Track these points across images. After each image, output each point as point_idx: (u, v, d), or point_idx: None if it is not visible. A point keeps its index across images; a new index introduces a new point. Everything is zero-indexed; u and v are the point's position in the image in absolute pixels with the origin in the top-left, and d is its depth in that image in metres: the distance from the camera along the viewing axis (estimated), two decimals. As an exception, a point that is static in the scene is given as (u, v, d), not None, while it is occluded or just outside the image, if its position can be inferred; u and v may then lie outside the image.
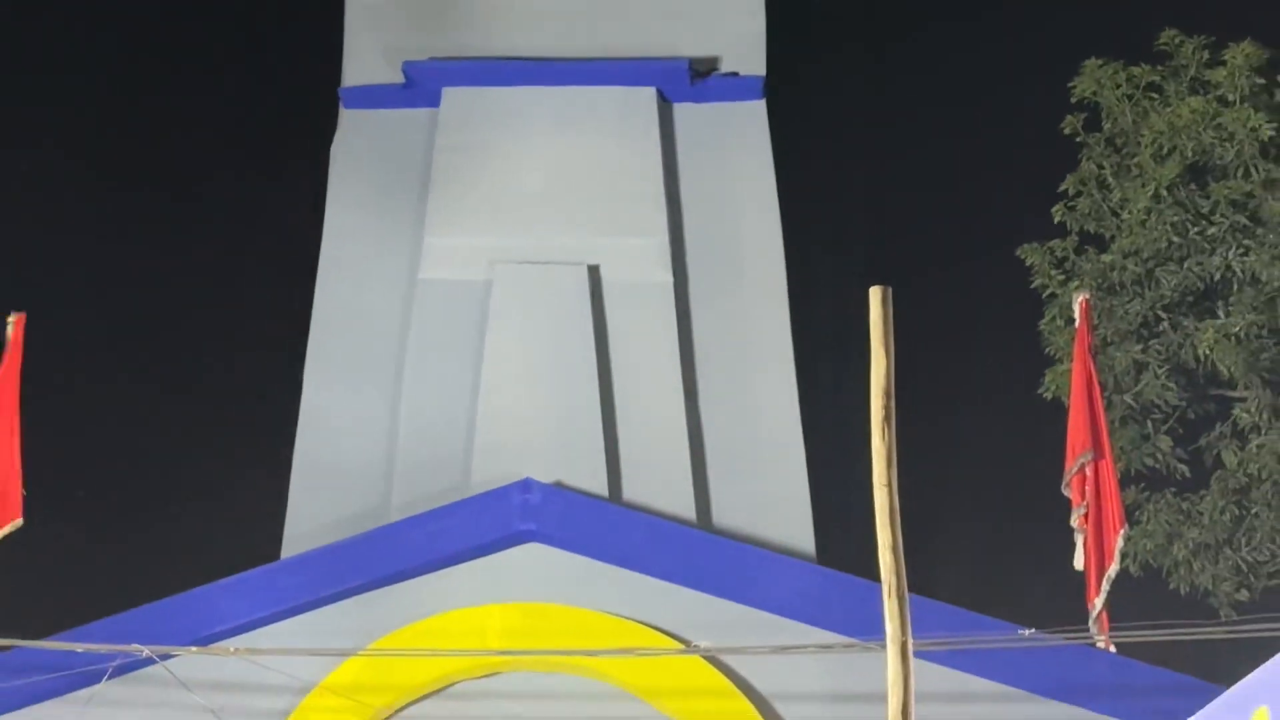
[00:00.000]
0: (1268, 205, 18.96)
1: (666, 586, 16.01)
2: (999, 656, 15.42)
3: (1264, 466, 18.85)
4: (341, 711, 15.60)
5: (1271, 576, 19.12)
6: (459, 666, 15.76)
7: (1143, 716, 13.95)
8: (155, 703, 15.60)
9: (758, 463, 17.60)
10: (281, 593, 16.03)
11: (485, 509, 16.34)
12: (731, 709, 15.61)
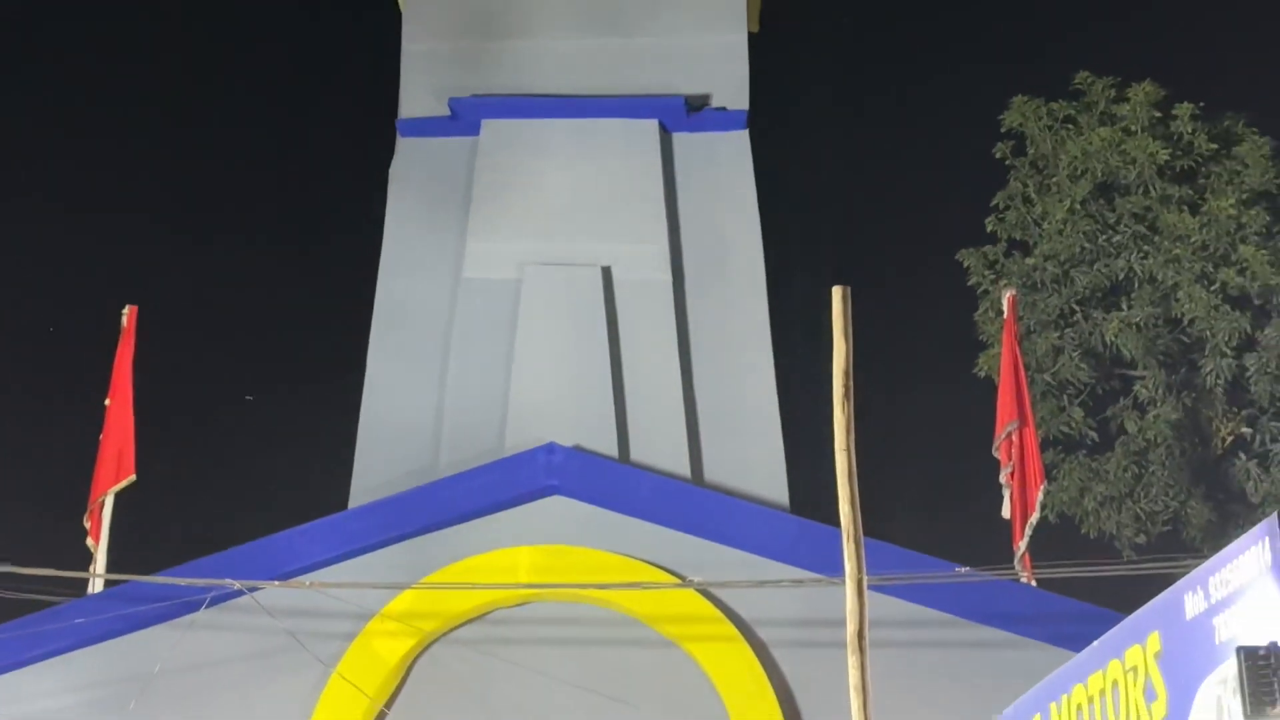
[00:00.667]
0: (1163, 217, 18.93)
1: (666, 532, 15.98)
2: (938, 589, 15.38)
3: (1159, 433, 18.84)
4: (398, 635, 15.58)
5: (1165, 523, 19.11)
6: (495, 597, 15.74)
7: (1058, 640, 13.90)
8: (244, 628, 15.58)
9: (741, 429, 17.57)
10: (348, 536, 16.01)
11: (516, 468, 16.32)
12: (719, 632, 15.58)
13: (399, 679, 15.67)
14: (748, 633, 15.59)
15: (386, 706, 15.43)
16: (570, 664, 15.52)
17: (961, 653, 15.25)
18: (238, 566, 15.58)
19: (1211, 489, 18.93)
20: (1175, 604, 7.75)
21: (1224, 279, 18.35)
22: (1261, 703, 6.70)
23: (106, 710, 15.33)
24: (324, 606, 15.45)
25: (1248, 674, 6.74)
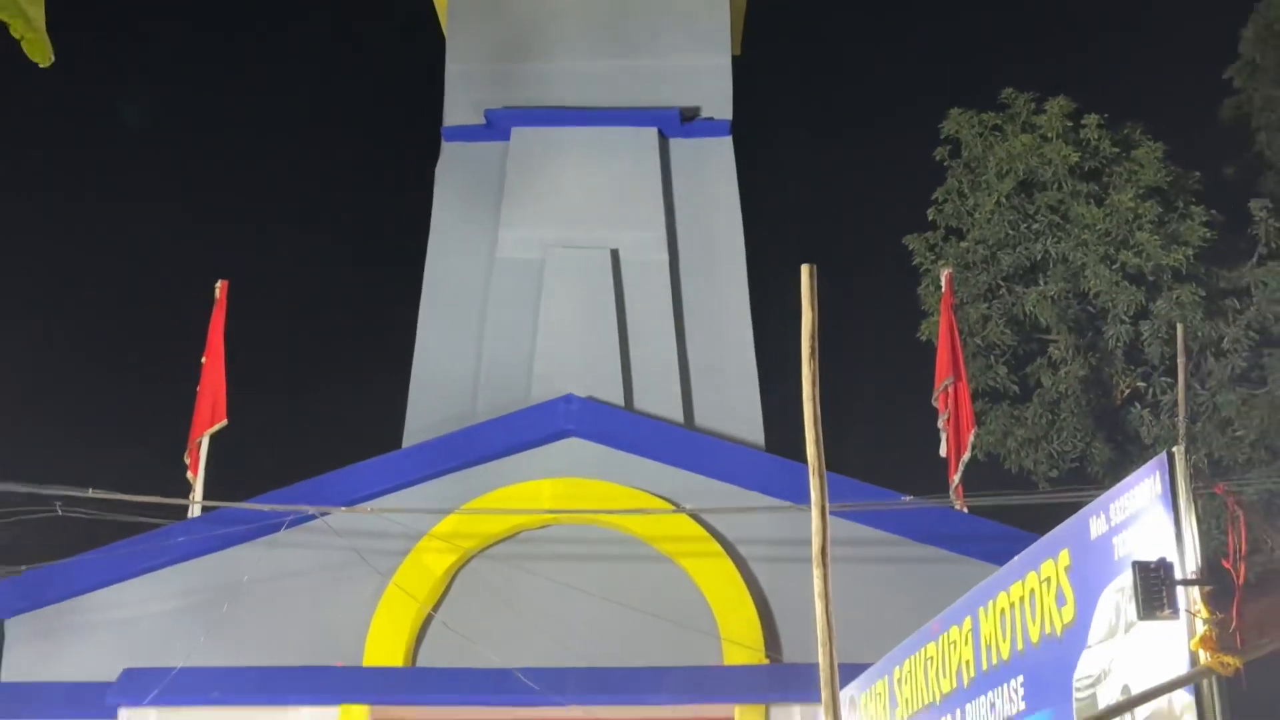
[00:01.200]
0: (1074, 209, 18.92)
1: (663, 467, 16.00)
2: (887, 515, 15.41)
3: (1069, 386, 18.85)
4: (444, 551, 15.61)
5: (1073, 461, 19.14)
6: (522, 521, 15.76)
7: (985, 556, 13.92)
8: (317, 546, 15.61)
9: (725, 382, 17.58)
10: (402, 470, 16.02)
11: (540, 414, 16.33)
12: (707, 550, 15.62)
13: (444, 588, 15.72)
14: (731, 550, 15.63)
15: (435, 609, 15.49)
16: (584, 576, 15.55)
17: (907, 567, 15.30)
18: (311, 495, 15.61)
19: (1112, 433, 18.96)
20: (1082, 526, 7.79)
21: (1123, 260, 18.36)
22: (1151, 607, 6.75)
23: (204, 614, 15.38)
24: (382, 528, 15.51)
25: (1140, 583, 6.78)
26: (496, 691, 14.95)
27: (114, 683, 14.97)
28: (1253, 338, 17.70)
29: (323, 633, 15.45)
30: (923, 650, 10.10)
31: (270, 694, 15.02)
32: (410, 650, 15.46)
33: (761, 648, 15.21)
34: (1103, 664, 7.42)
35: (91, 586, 15.71)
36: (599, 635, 15.40)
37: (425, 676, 15.35)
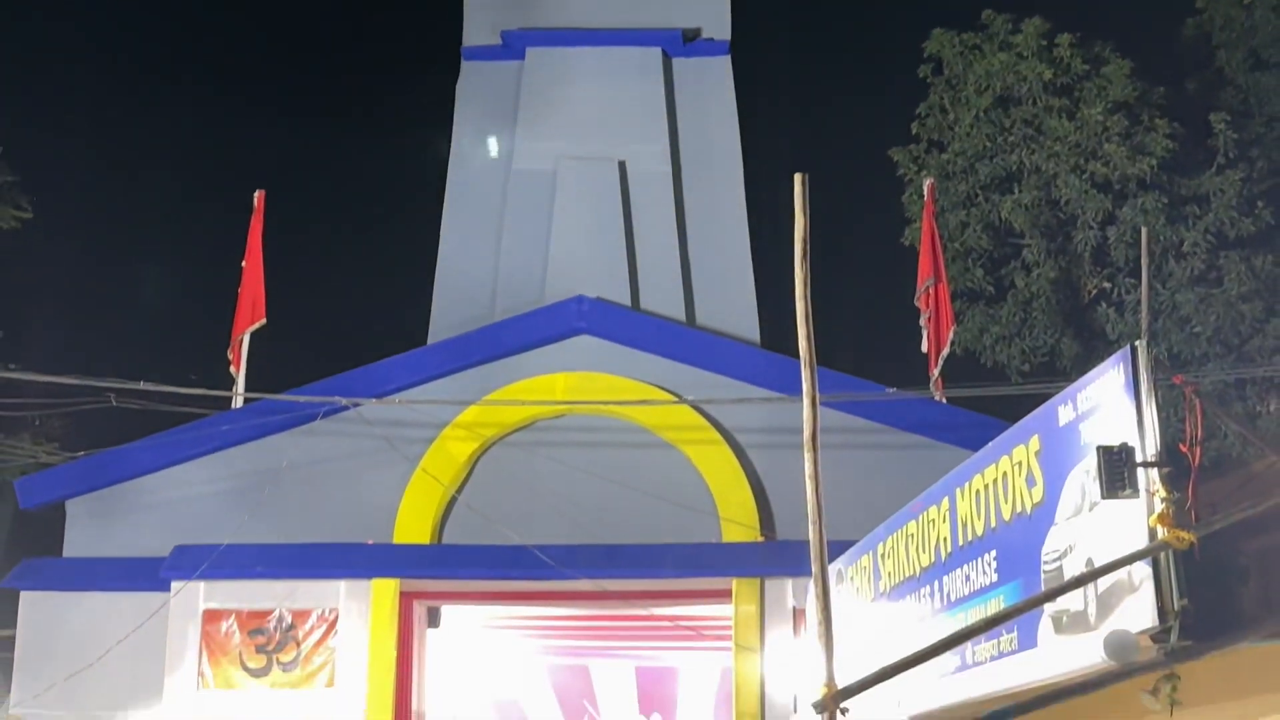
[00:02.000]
0: (1047, 123, 18.76)
1: (668, 362, 16.01)
2: (873, 405, 15.45)
3: (1040, 288, 18.81)
4: (466, 440, 15.67)
5: (1044, 356, 19.12)
6: (539, 412, 15.81)
7: (962, 443, 13.94)
8: (350, 434, 15.66)
9: (724, 284, 17.55)
10: (428, 365, 16.03)
11: (554, 314, 16.31)
12: (707, 438, 15.66)
13: (467, 472, 15.79)
14: (729, 438, 15.68)
15: (458, 492, 15.56)
16: (595, 461, 15.61)
17: (890, 453, 15.33)
18: (344, 387, 15.66)
19: (1080, 330, 18.92)
20: (1051, 414, 7.79)
21: (1092, 169, 18.23)
22: (1114, 487, 6.76)
23: (246, 495, 15.46)
24: (410, 418, 15.55)
25: (1104, 466, 6.79)
26: (515, 566, 15.06)
27: (166, 558, 15.09)
28: (1211, 241, 17.62)
29: (356, 513, 15.54)
30: (904, 528, 10.14)
31: (308, 568, 15.15)
32: (436, 529, 15.57)
33: (757, 526, 15.29)
34: (1069, 539, 7.45)
35: (144, 471, 15.79)
36: (608, 515, 15.49)
37: (450, 552, 15.46)
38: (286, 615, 15.09)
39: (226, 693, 14.89)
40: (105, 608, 15.14)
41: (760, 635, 14.77)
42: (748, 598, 14.92)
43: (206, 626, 15.00)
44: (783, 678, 13.91)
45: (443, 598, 16.07)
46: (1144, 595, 6.68)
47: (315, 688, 14.89)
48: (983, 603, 8.50)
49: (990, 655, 8.33)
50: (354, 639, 14.95)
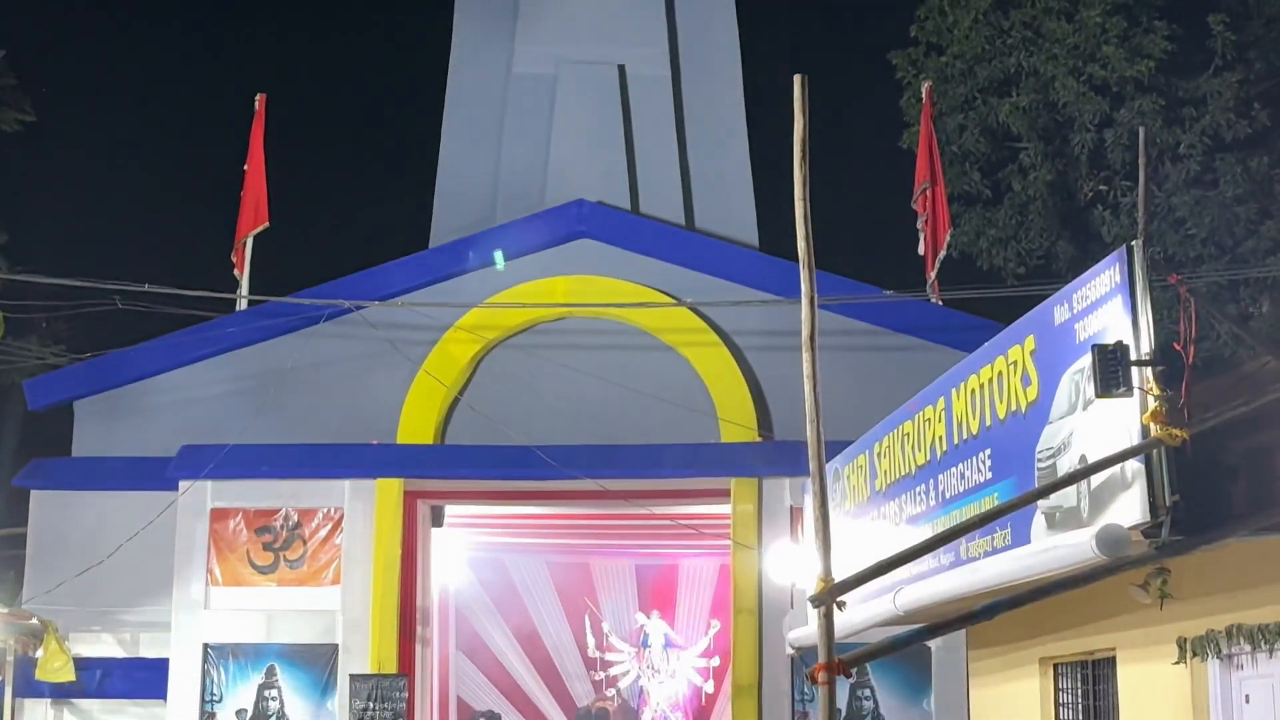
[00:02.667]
0: (1045, 25, 18.56)
1: (667, 265, 15.97)
2: (870, 307, 15.45)
3: (1037, 190, 18.72)
4: (468, 342, 15.68)
5: (1040, 259, 19.08)
6: (539, 315, 15.81)
7: (958, 345, 13.91)
8: (353, 337, 15.67)
9: (722, 187, 17.48)
10: (431, 268, 16.00)
11: (555, 217, 16.26)
12: (706, 340, 15.67)
13: (469, 374, 15.82)
14: (727, 340, 15.69)
15: (460, 393, 15.60)
16: (595, 363, 15.64)
17: (887, 354, 15.35)
18: (348, 290, 15.65)
19: (1075, 232, 18.87)
20: (1047, 314, 7.79)
21: (1090, 72, 18.06)
22: (1108, 385, 6.77)
23: (253, 397, 15.51)
24: (413, 321, 15.55)
25: (1099, 364, 6.80)
26: (517, 466, 15.13)
27: (173, 458, 15.16)
28: (1207, 144, 17.50)
29: (360, 414, 15.59)
30: (900, 427, 10.18)
31: (314, 468, 15.22)
32: (439, 429, 15.62)
33: (755, 427, 15.34)
34: (1062, 437, 7.48)
35: (150, 372, 15.82)
36: (609, 416, 15.54)
37: (453, 453, 15.53)
38: (293, 514, 15.20)
39: (235, 589, 15.03)
40: (114, 507, 15.24)
41: (758, 534, 14.87)
42: (746, 497, 15.01)
43: (214, 525, 15.12)
44: (780, 575, 14.02)
45: (446, 497, 16.16)
46: (1136, 491, 6.72)
47: (322, 584, 15.03)
48: (977, 500, 8.55)
49: (984, 551, 8.39)
50: (359, 537, 15.05)
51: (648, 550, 21.60)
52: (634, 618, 22.52)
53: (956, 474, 8.93)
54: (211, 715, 14.81)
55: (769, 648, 14.65)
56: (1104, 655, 9.10)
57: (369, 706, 14.59)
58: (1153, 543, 6.71)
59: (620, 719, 21.91)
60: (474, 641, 21.98)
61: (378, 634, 14.83)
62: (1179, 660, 7.92)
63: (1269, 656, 7.35)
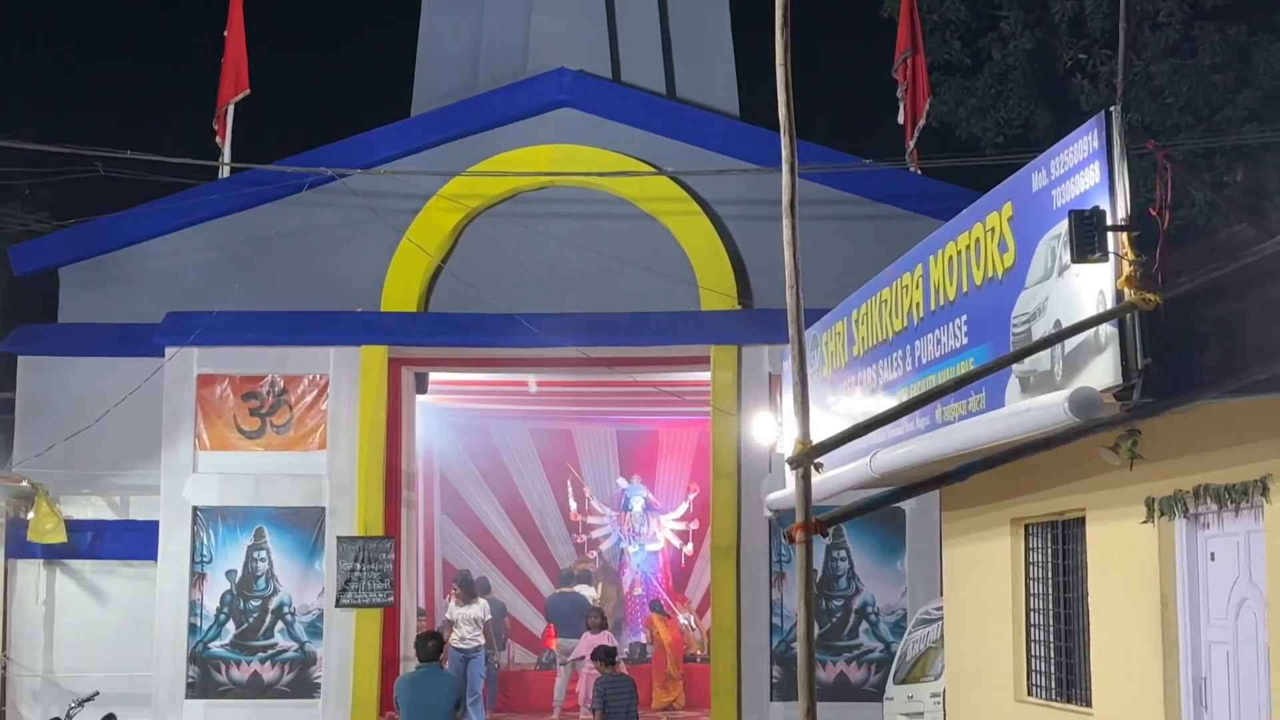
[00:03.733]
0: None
1: (648, 135, 15.87)
2: (850, 177, 15.40)
3: (1017, 59, 18.52)
4: (450, 211, 15.61)
5: (1018, 128, 18.93)
6: (521, 184, 15.74)
7: (936, 214, 13.88)
8: (337, 205, 15.59)
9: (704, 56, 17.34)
10: (413, 137, 15.88)
11: (536, 86, 16.09)
12: (687, 209, 15.62)
13: (452, 243, 15.77)
14: (708, 209, 15.65)
15: (443, 262, 15.55)
16: (577, 232, 15.60)
17: (865, 224, 15.34)
18: (330, 158, 15.54)
19: (1054, 102, 18.70)
20: (1025, 180, 7.76)
21: (1072, -61, 17.78)
22: (1084, 250, 6.76)
23: (235, 264, 15.47)
24: (395, 189, 15.45)
25: (1075, 229, 6.78)
26: (500, 334, 15.16)
27: (159, 325, 15.13)
28: (1186, 11, 17.30)
29: (344, 282, 15.56)
30: (878, 294, 10.17)
31: (299, 335, 15.23)
32: (423, 298, 15.61)
33: (734, 295, 15.36)
34: (1038, 303, 7.49)
35: (134, 239, 15.75)
36: (590, 284, 15.55)
37: (437, 321, 15.54)
38: (278, 380, 15.23)
39: (223, 454, 15.11)
40: (101, 372, 15.25)
41: (737, 400, 14.96)
42: (725, 364, 15.07)
43: (201, 391, 15.15)
44: (758, 440, 14.13)
45: (429, 364, 16.21)
46: (1109, 355, 6.75)
47: (308, 449, 15.11)
48: (953, 365, 8.58)
49: (959, 415, 8.44)
50: (344, 403, 15.11)
51: (629, 416, 21.72)
52: (615, 482, 22.72)
53: (933, 340, 8.94)
54: (202, 576, 14.97)
55: (747, 511, 14.82)
56: (1074, 516, 9.20)
57: (356, 567, 14.75)
58: (1124, 405, 6.75)
59: (601, 580, 22.16)
60: (459, 506, 22.19)
61: (364, 497, 14.94)
62: (1147, 520, 8.01)
63: (1234, 515, 7.44)
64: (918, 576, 14.60)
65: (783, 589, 14.74)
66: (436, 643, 12.78)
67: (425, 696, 12.15)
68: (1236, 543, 7.57)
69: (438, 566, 21.51)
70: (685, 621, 21.16)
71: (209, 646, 14.88)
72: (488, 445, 22.26)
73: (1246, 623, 7.47)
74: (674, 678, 20.16)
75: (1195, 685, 7.92)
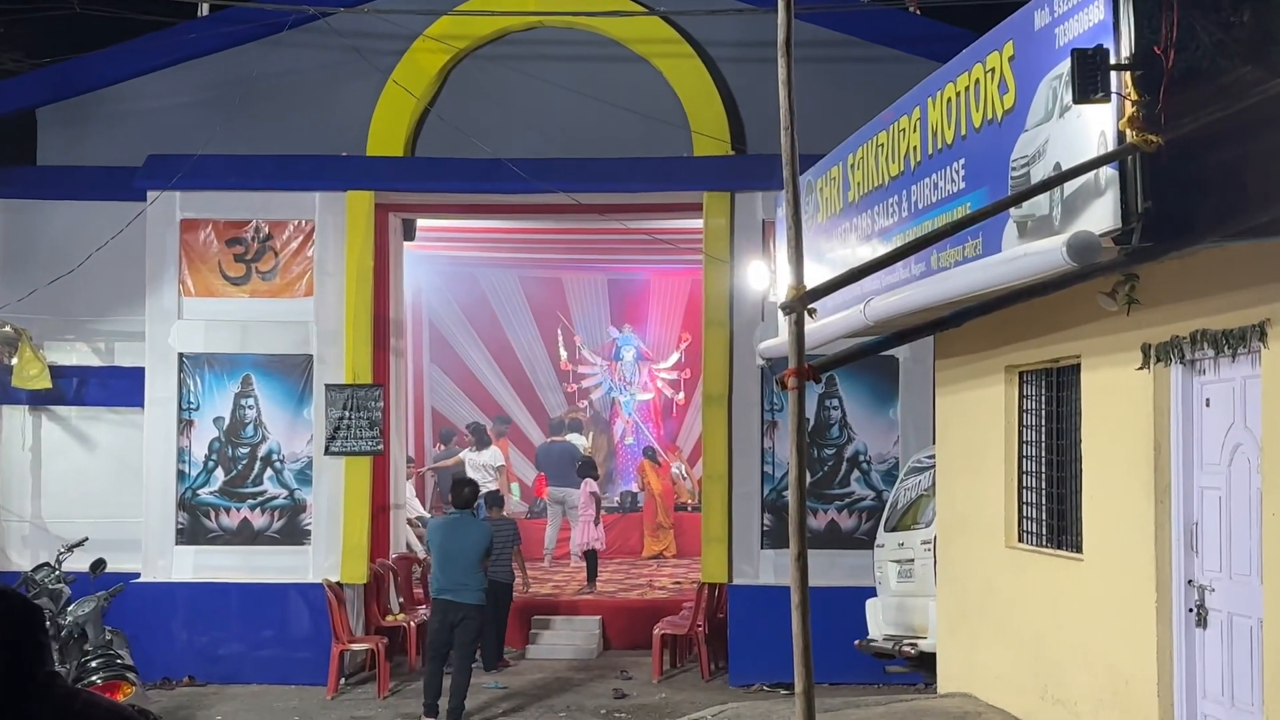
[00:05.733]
0: None
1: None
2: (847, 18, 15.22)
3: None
4: (437, 52, 15.40)
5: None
6: (510, 23, 15.53)
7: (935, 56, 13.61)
8: (320, 45, 15.35)
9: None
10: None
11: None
12: (679, 51, 15.43)
13: (438, 85, 15.59)
14: (701, 52, 15.45)
15: (430, 105, 15.39)
16: (567, 75, 15.43)
17: (862, 65, 15.15)
18: (312, 4, 15.30)
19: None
20: (1027, 19, 7.64)
21: None
22: (1086, 91, 6.68)
23: (217, 106, 15.29)
24: (380, 29, 15.22)
25: (1078, 69, 6.69)
26: (488, 179, 15.05)
27: (140, 167, 15.01)
28: None
29: (329, 125, 15.42)
30: (874, 139, 10.09)
31: (283, 179, 15.12)
32: (409, 142, 15.47)
33: (728, 140, 15.23)
34: (1037, 145, 7.42)
35: (113, 79, 15.56)
36: (580, 129, 15.40)
37: (424, 165, 15.42)
38: (263, 226, 15.16)
39: (208, 300, 15.09)
40: (82, 216, 15.17)
41: (730, 247, 14.91)
42: (718, 211, 14.99)
43: (184, 236, 15.08)
44: (751, 287, 14.13)
45: (416, 210, 16.13)
46: (1108, 198, 6.71)
47: (295, 296, 15.09)
48: (949, 210, 8.54)
49: (955, 260, 8.43)
50: (331, 250, 15.06)
51: (620, 265, 21.74)
52: (606, 331, 22.79)
53: (930, 184, 8.89)
54: (189, 423, 15.04)
55: (739, 359, 14.86)
56: (1069, 362, 9.23)
57: (344, 415, 14.83)
58: (1123, 249, 6.73)
59: (592, 429, 22.35)
60: (448, 355, 22.29)
61: (351, 345, 14.96)
62: (1142, 366, 8.04)
63: (1231, 361, 7.46)
64: (910, 425, 14.70)
65: (774, 437, 14.85)
66: (472, 489, 13.10)
67: (455, 543, 12.53)
68: (1232, 388, 7.62)
69: (427, 415, 21.68)
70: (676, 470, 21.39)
71: (198, 493, 15.01)
72: (477, 294, 22.29)
73: (1240, 469, 7.55)
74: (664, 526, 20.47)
75: (1186, 530, 8.03)
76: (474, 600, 12.62)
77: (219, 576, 14.93)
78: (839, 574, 14.11)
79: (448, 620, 12.56)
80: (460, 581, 12.54)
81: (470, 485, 13.31)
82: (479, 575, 12.65)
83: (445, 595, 12.57)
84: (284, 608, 14.86)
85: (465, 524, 12.85)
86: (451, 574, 12.54)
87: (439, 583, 12.62)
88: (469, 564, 12.62)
